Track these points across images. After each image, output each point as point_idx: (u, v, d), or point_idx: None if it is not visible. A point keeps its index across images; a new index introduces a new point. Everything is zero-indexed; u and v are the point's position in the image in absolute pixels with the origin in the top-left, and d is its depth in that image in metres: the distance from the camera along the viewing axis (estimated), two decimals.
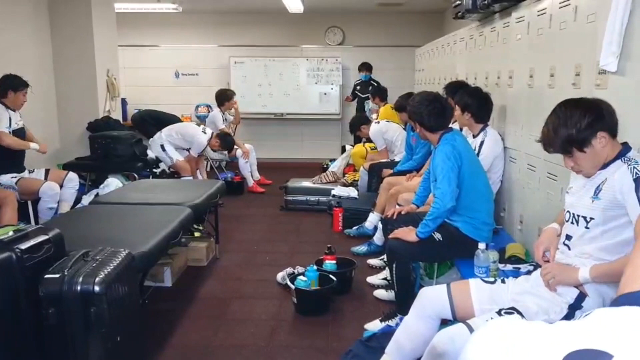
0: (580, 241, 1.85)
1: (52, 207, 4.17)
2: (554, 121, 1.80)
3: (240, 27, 8.74)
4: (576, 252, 1.87)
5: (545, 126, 1.84)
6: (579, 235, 1.86)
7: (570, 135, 1.74)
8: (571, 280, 1.81)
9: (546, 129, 1.83)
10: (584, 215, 1.84)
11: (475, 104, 3.34)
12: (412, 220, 2.98)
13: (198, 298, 3.41)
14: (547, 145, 1.85)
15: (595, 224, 1.80)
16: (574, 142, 1.75)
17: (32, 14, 5.35)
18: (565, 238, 1.93)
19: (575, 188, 1.93)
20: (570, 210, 1.91)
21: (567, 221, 1.92)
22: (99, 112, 5.93)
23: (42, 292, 1.96)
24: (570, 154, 1.78)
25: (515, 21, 3.33)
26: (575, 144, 1.75)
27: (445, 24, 8.10)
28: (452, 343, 1.80)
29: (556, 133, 1.78)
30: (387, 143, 5.51)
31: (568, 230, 1.92)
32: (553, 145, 1.82)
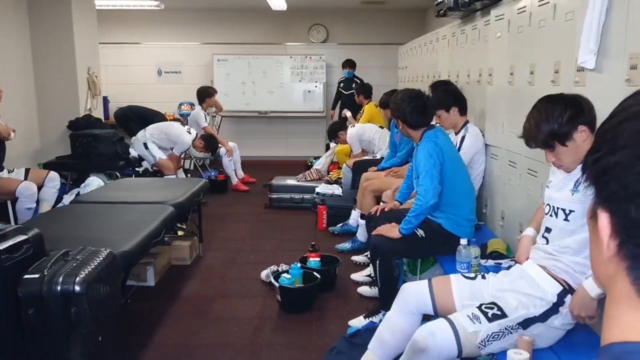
0: (560, 234, 1.88)
1: (30, 207, 4.11)
2: (535, 116, 1.82)
3: (223, 24, 8.69)
4: (555, 246, 1.89)
5: (527, 122, 1.86)
6: (559, 228, 1.88)
7: (552, 130, 1.77)
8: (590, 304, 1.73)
9: (528, 124, 1.85)
10: (563, 208, 1.87)
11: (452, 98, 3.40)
12: (395, 217, 2.99)
13: (181, 297, 3.39)
14: (530, 140, 1.87)
15: (574, 217, 1.83)
16: (556, 136, 1.77)
17: (10, 11, 5.26)
18: (544, 231, 1.96)
19: (555, 181, 1.96)
20: (550, 203, 1.94)
21: (547, 214, 1.95)
22: (80, 111, 5.86)
23: (22, 292, 1.93)
24: (553, 148, 1.80)
25: (495, 19, 3.36)
26: (557, 138, 1.78)
27: (428, 22, 8.14)
28: (433, 337, 1.82)
29: (538, 128, 1.80)
30: (365, 144, 5.54)
31: (547, 223, 1.95)
32: (535, 140, 1.83)
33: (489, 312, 1.85)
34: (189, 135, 5.80)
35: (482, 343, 1.81)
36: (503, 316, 1.84)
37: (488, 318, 1.83)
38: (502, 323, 1.83)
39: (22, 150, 5.35)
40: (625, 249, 0.53)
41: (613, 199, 0.53)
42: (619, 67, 1.93)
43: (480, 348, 1.82)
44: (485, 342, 1.81)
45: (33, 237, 2.14)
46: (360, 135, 5.44)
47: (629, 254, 0.52)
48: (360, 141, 5.49)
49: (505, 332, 1.82)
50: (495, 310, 1.85)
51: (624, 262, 0.53)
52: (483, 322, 1.82)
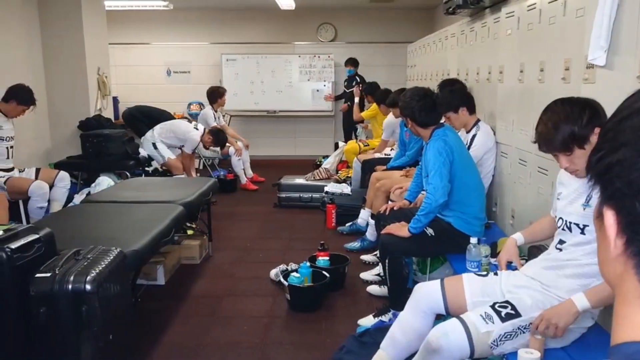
0: (577, 248, 1.83)
1: (42, 206, 4.15)
2: (553, 118, 1.74)
3: (232, 24, 8.70)
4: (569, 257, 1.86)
5: (543, 124, 1.77)
6: (575, 242, 1.84)
7: (572, 131, 1.69)
8: (571, 316, 1.69)
9: (544, 127, 1.76)
10: (576, 223, 1.82)
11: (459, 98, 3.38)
12: (405, 216, 2.99)
13: (191, 296, 3.40)
14: (546, 142, 1.77)
15: (590, 230, 1.78)
16: (576, 138, 1.70)
17: (21, 13, 5.31)
18: (557, 242, 1.92)
19: (565, 194, 1.91)
20: (563, 217, 1.88)
21: (559, 227, 1.90)
22: (90, 111, 5.90)
23: (33, 291, 1.95)
24: (570, 151, 1.72)
25: (505, 16, 3.34)
26: (576, 141, 1.70)
27: (437, 20, 8.11)
28: (446, 338, 1.81)
29: (557, 129, 1.71)
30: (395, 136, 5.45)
31: (561, 236, 1.91)
32: (553, 142, 1.74)
33: (502, 311, 1.83)
34: (196, 131, 5.84)
35: (494, 343, 1.80)
36: (517, 315, 1.82)
37: (501, 318, 1.81)
38: (515, 323, 1.81)
39: (33, 150, 5.40)
40: (632, 247, 0.52)
41: (618, 196, 0.52)
42: (630, 64, 1.91)
43: (493, 348, 1.81)
44: (498, 342, 1.80)
45: (44, 236, 2.16)
46: (394, 127, 5.20)
47: (636, 252, 0.52)
48: (393, 131, 5.37)
49: (518, 332, 1.81)
50: (509, 309, 1.84)
51: (632, 260, 0.53)
52: (496, 321, 1.81)
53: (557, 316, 1.69)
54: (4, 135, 4.12)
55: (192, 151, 5.93)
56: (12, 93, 4.10)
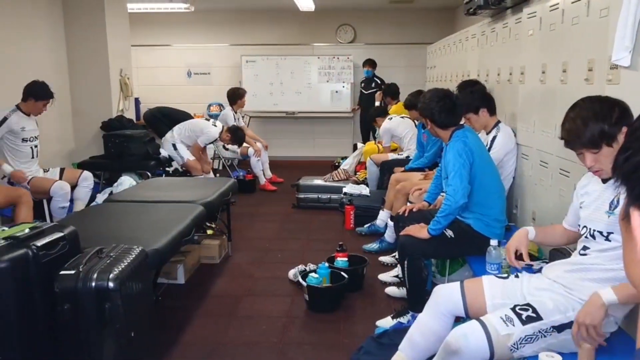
0: (602, 254, 1.80)
1: (64, 206, 4.22)
2: (582, 114, 1.73)
3: (252, 25, 8.76)
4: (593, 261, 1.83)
5: (571, 121, 1.76)
6: (599, 248, 1.81)
7: (602, 129, 1.68)
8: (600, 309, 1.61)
9: (573, 123, 1.74)
10: (600, 231, 1.79)
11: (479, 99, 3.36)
12: (424, 218, 2.98)
13: (210, 295, 3.43)
14: (574, 138, 1.75)
15: (615, 237, 1.75)
16: (605, 135, 1.68)
17: (46, 16, 5.42)
18: (581, 249, 1.89)
19: (588, 202, 1.88)
20: (587, 225, 1.85)
21: (583, 235, 1.88)
22: (113, 112, 5.99)
23: (58, 288, 1.99)
24: (597, 149, 1.70)
25: (527, 17, 3.31)
26: (605, 138, 1.68)
27: (457, 21, 8.06)
28: (466, 340, 1.80)
29: (587, 125, 1.69)
30: (396, 140, 5.52)
31: (585, 243, 1.88)
32: (581, 138, 1.71)
33: (523, 314, 1.81)
34: (214, 128, 5.92)
35: (514, 346, 1.78)
36: (538, 319, 1.80)
37: (522, 320, 1.80)
38: (536, 326, 1.79)
39: (57, 150, 5.51)
40: None
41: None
42: None
43: (513, 351, 1.79)
44: (518, 345, 1.78)
45: (69, 234, 2.21)
46: (392, 130, 5.43)
47: None
48: (392, 136, 5.47)
49: (539, 335, 1.79)
50: (529, 312, 1.81)
51: None
52: (517, 324, 1.79)
53: (589, 316, 1.62)
54: (27, 135, 4.20)
55: (204, 144, 5.98)
56: (28, 90, 4.15)
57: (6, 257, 1.90)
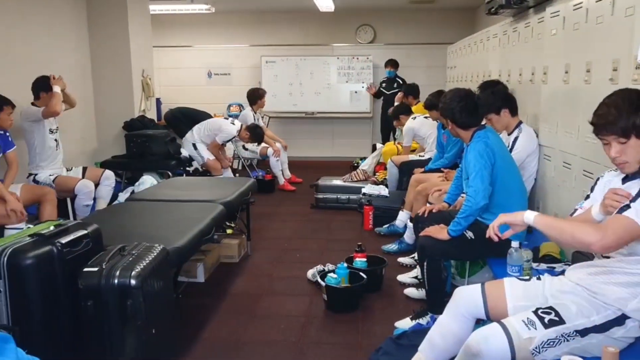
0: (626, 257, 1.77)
1: (88, 204, 4.30)
2: (617, 102, 1.74)
3: (272, 26, 8.81)
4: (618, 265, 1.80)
5: (606, 107, 1.76)
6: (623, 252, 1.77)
7: (636, 120, 1.69)
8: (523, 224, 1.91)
9: (606, 109, 1.75)
10: None
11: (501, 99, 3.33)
12: (444, 218, 2.96)
13: (230, 294, 3.46)
14: (606, 125, 1.75)
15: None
16: (636, 126, 1.70)
17: (70, 17, 5.51)
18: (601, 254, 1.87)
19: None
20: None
21: None
22: (135, 112, 6.07)
23: (81, 284, 2.03)
24: (627, 139, 1.72)
25: (550, 16, 3.27)
26: (636, 129, 1.70)
27: (478, 21, 7.99)
28: (486, 343, 1.78)
29: (620, 114, 1.71)
30: (419, 140, 5.48)
31: None
32: (613, 125, 1.73)
33: (545, 317, 1.78)
34: (233, 126, 5.98)
35: (536, 349, 1.75)
36: (560, 322, 1.77)
37: (544, 324, 1.77)
38: (558, 330, 1.76)
39: (81, 149, 5.60)
40: None
41: None
42: None
43: (534, 354, 1.76)
44: (540, 349, 1.75)
45: (92, 232, 2.25)
46: (416, 130, 5.34)
47: None
48: (414, 135, 5.42)
49: (562, 339, 1.76)
50: (552, 315, 1.79)
51: None
52: (539, 327, 1.77)
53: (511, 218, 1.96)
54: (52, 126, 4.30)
55: (222, 142, 6.03)
56: (36, 86, 4.23)
57: (32, 253, 1.94)
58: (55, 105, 4.15)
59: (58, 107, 4.19)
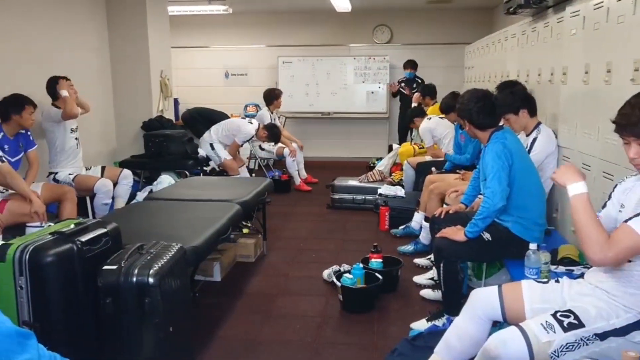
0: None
1: (106, 202, 4.35)
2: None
3: (289, 27, 8.83)
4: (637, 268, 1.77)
5: (630, 106, 1.75)
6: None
7: None
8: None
9: (631, 109, 1.74)
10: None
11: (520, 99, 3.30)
12: (460, 220, 2.94)
13: (246, 293, 3.48)
14: (628, 125, 1.74)
15: None
16: None
17: (91, 18, 5.59)
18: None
19: (629, 207, 1.82)
20: None
21: None
22: (153, 112, 6.13)
23: (101, 282, 2.05)
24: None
25: (570, 16, 3.23)
26: None
27: (496, 20, 7.92)
28: (505, 347, 1.76)
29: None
30: (435, 140, 5.45)
31: None
32: (635, 125, 1.71)
33: (564, 320, 1.76)
34: (251, 125, 6.02)
35: (554, 353, 1.73)
36: (580, 326, 1.75)
37: (563, 327, 1.75)
38: (578, 333, 1.74)
39: (100, 149, 5.68)
40: None
41: None
42: None
43: (553, 358, 1.74)
44: (559, 353, 1.73)
45: (111, 230, 2.28)
46: (432, 130, 5.30)
47: None
48: (432, 136, 5.39)
49: (581, 342, 1.74)
50: (571, 319, 1.77)
51: None
52: (558, 331, 1.75)
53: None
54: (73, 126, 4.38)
55: (242, 142, 6.06)
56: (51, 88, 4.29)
57: (53, 251, 1.97)
58: (72, 109, 4.22)
59: (75, 110, 4.27)
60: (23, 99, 3.82)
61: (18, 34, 4.41)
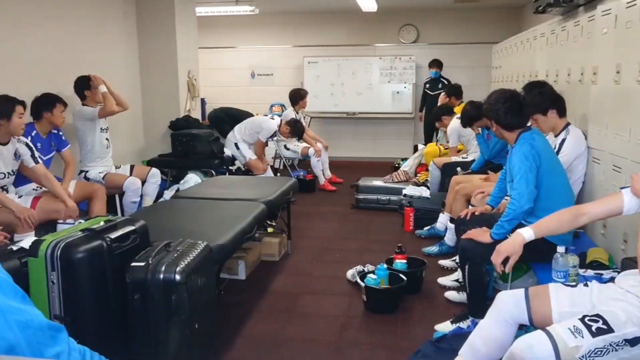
0: None
1: (135, 200, 4.43)
2: None
3: (315, 27, 8.85)
4: None
5: None
6: None
7: None
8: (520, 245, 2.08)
9: None
10: None
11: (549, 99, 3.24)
12: (486, 221, 2.91)
13: (270, 292, 3.50)
14: None
15: None
16: None
17: (121, 21, 5.70)
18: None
19: None
20: None
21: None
22: (180, 112, 6.22)
23: (129, 278, 2.10)
24: None
25: (601, 14, 3.17)
26: None
27: (524, 20, 7.79)
28: (531, 351, 1.73)
29: None
30: (464, 141, 5.39)
31: None
32: None
33: (593, 325, 1.72)
34: (272, 121, 6.06)
35: (582, 358, 1.69)
36: (609, 331, 1.71)
37: (592, 332, 1.71)
38: (607, 338, 1.70)
39: (129, 148, 5.79)
40: None
41: None
42: None
43: None
44: (587, 358, 1.69)
45: (139, 228, 2.32)
46: (460, 130, 5.17)
47: None
48: (459, 136, 5.33)
49: (610, 348, 1.70)
50: (600, 323, 1.73)
51: None
52: (586, 336, 1.71)
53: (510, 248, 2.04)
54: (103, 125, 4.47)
55: (266, 139, 6.10)
56: (79, 87, 4.37)
57: (83, 247, 2.02)
58: (112, 106, 4.31)
59: (115, 106, 4.35)
60: (54, 98, 3.92)
61: (50, 34, 4.52)
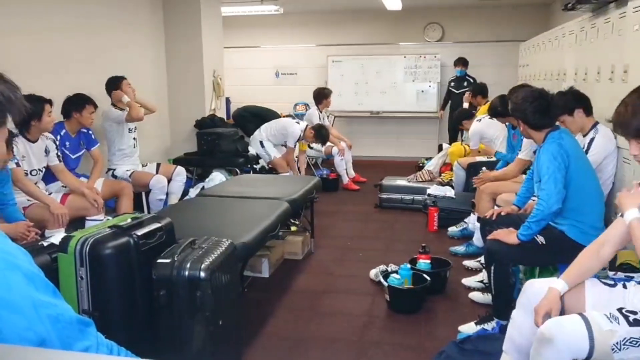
0: None
1: (161, 198, 4.50)
2: (635, 103, 1.73)
3: (339, 26, 8.84)
4: None
5: (624, 106, 1.77)
6: None
7: None
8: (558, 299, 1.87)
9: (624, 109, 1.75)
10: None
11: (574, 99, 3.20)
12: (513, 222, 2.87)
13: (293, 290, 3.52)
14: (621, 125, 1.77)
15: None
16: None
17: (148, 19, 5.79)
18: None
19: None
20: None
21: None
22: (206, 111, 6.29)
23: (155, 275, 2.13)
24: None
25: (632, 11, 3.09)
26: None
27: (552, 17, 7.65)
28: (560, 327, 1.67)
29: (635, 115, 1.70)
30: (486, 142, 5.31)
31: None
32: (628, 126, 1.73)
33: (630, 316, 1.65)
34: (297, 125, 6.07)
35: (617, 345, 1.62)
36: None
37: (629, 322, 1.64)
38: None
39: (156, 146, 5.88)
40: None
41: None
42: None
43: (614, 351, 1.63)
44: (621, 345, 1.61)
45: (165, 225, 2.35)
46: (482, 132, 5.09)
47: None
48: (481, 138, 5.26)
49: None
50: (637, 315, 1.66)
51: None
52: (622, 323, 1.64)
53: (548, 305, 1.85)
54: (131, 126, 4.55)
55: (294, 144, 6.12)
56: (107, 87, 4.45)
57: (111, 244, 2.06)
58: (138, 113, 4.38)
59: (140, 113, 4.42)
60: (85, 99, 4.00)
61: (78, 33, 4.61)
